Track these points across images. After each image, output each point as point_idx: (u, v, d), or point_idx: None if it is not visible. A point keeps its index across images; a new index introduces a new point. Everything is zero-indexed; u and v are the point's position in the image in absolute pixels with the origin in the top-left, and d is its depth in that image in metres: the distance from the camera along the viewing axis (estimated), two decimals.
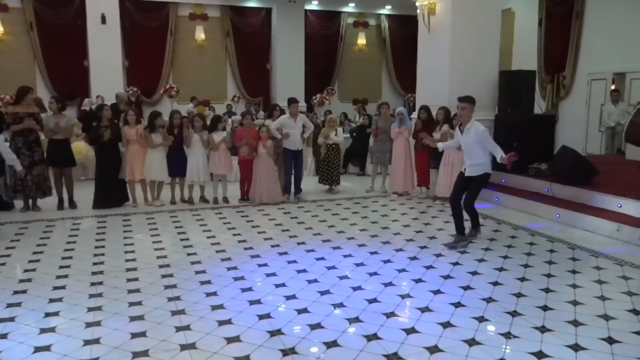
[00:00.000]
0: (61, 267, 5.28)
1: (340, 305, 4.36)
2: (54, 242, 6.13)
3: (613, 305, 4.37)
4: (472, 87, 7.90)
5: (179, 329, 3.90)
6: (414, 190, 8.83)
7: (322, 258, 5.59)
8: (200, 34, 15.57)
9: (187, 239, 6.29)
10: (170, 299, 4.46)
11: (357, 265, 5.38)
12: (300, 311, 4.22)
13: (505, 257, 5.66)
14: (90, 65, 14.22)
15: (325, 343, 3.69)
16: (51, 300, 4.42)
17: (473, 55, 8.45)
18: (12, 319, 4.06)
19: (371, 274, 5.11)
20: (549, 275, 5.07)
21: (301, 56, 16.18)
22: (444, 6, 8.47)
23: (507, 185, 8.32)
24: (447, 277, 5.04)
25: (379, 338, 3.77)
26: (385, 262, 5.48)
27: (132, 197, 7.84)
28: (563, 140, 12.91)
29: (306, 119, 8.60)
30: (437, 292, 4.66)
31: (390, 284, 4.86)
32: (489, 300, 4.47)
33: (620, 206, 6.59)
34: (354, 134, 10.99)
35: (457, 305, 4.36)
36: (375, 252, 5.79)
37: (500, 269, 5.26)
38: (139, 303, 4.38)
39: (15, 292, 4.60)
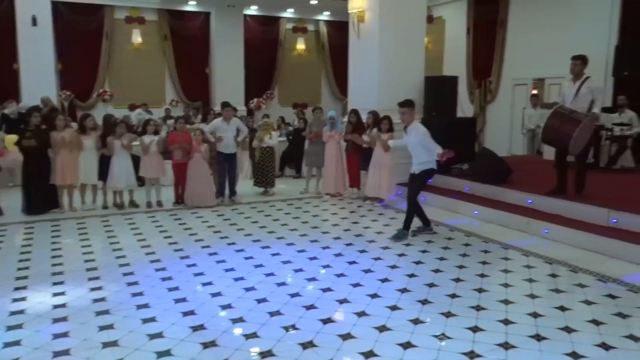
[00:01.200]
0: None
1: (264, 300, 4.57)
2: None
3: (514, 291, 4.77)
4: (399, 92, 8.33)
5: (102, 328, 4.00)
6: (346, 191, 9.15)
7: (251, 257, 5.78)
8: (137, 38, 15.40)
9: (117, 243, 6.34)
10: (95, 300, 4.54)
11: (284, 262, 5.60)
12: (224, 307, 4.40)
13: (424, 251, 6.03)
14: (20, 68, 13.81)
15: (245, 335, 3.89)
16: None
17: (400, 61, 8.86)
18: None
19: (296, 270, 5.35)
20: (460, 267, 5.46)
21: (240, 60, 16.28)
22: (372, 14, 8.85)
23: (432, 185, 8.74)
24: (367, 270, 5.34)
25: (297, 329, 4.00)
26: (311, 259, 5.73)
27: (62, 203, 7.75)
28: (491, 142, 13.72)
29: (240, 122, 8.76)
30: (356, 285, 4.94)
31: (313, 279, 5.11)
32: (403, 290, 4.79)
33: (531, 202, 7.12)
34: (290, 137, 11.23)
35: (374, 296, 4.66)
36: (303, 250, 6.03)
37: (418, 262, 5.62)
38: (63, 305, 4.44)
39: None
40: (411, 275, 5.21)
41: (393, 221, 7.42)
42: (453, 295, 4.67)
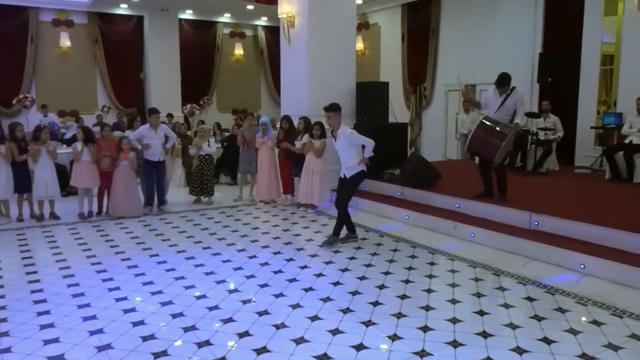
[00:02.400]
0: None
1: (180, 314, 4.37)
2: None
3: (437, 297, 4.78)
4: (330, 98, 8.21)
5: None
6: (280, 198, 9.02)
7: (173, 269, 5.56)
8: (65, 41, 14.76)
9: (30, 257, 5.96)
10: None
11: (207, 274, 5.41)
12: (137, 323, 4.18)
13: (352, 258, 5.98)
14: None
15: (154, 353, 3.69)
16: None
17: (330, 67, 8.84)
18: None
19: (218, 282, 5.17)
20: (386, 273, 5.44)
21: (176, 65, 15.88)
22: (301, 19, 8.79)
23: (365, 190, 8.76)
24: (292, 280, 5.23)
25: (211, 344, 3.83)
26: (236, 269, 5.57)
27: None
28: (428, 147, 13.96)
29: (168, 129, 8.48)
30: (279, 295, 4.82)
31: (235, 290, 4.95)
32: (326, 299, 4.71)
33: (459, 206, 7.22)
34: (225, 144, 11.01)
35: (296, 306, 4.55)
36: (228, 260, 5.86)
37: (344, 270, 5.55)
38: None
39: None
40: (336, 284, 5.13)
41: (325, 228, 7.36)
42: (375, 303, 4.62)
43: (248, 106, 17.61)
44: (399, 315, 4.36)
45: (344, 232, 6.63)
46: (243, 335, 3.99)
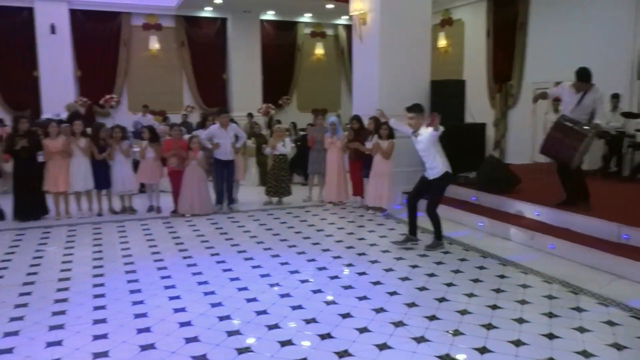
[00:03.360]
0: None
1: (228, 317, 4.30)
2: None
3: (501, 315, 4.37)
4: (401, 97, 7.98)
5: (50, 344, 3.81)
6: (349, 200, 8.82)
7: (230, 269, 5.53)
8: (154, 44, 15.46)
9: (100, 251, 6.19)
10: (54, 313, 4.36)
11: (262, 276, 5.33)
12: (183, 323, 4.16)
13: (415, 266, 5.65)
14: (40, 76, 14.01)
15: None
16: None
17: (403, 65, 8.50)
18: None
19: (272, 285, 5.06)
20: (449, 285, 5.07)
21: (257, 66, 16.14)
22: (374, 16, 8.52)
23: None
24: (347, 287, 5.01)
25: (251, 351, 3.72)
26: (292, 272, 5.44)
27: (55, 209, 7.69)
28: (513, 148, 13.17)
29: (238, 128, 8.54)
30: (330, 302, 4.62)
31: (287, 295, 4.81)
32: (378, 310, 4.45)
33: (538, 214, 6.65)
34: (299, 144, 10.97)
35: (345, 316, 4.33)
36: (286, 263, 5.74)
37: (404, 279, 5.25)
38: (21, 318, 4.28)
39: None
40: (392, 293, 4.85)
41: (392, 232, 7.07)
42: (432, 317, 4.29)
43: (328, 106, 17.58)
44: (456, 333, 4.01)
45: (403, 232, 6.34)
46: (285, 344, 3.84)
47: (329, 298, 4.72)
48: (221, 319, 4.27)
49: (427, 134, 6.03)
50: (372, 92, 8.62)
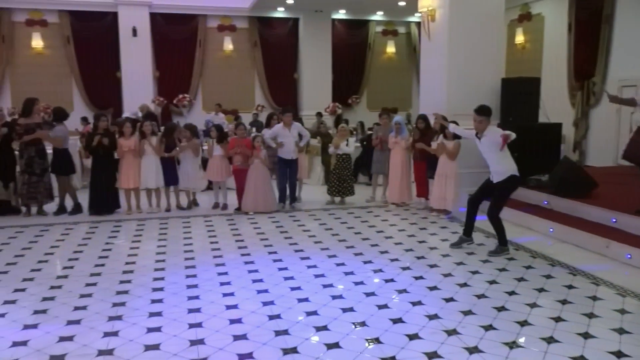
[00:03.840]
0: (32, 270, 5.50)
1: (278, 316, 4.31)
2: (39, 247, 6.39)
3: (565, 329, 4.08)
4: (471, 96, 7.73)
5: (107, 334, 3.97)
6: (412, 201, 8.61)
7: (285, 268, 5.54)
8: (228, 45, 15.90)
9: (164, 246, 6.41)
10: (114, 305, 4.55)
11: (317, 276, 5.30)
12: (233, 320, 4.20)
13: (476, 272, 5.41)
14: (122, 77, 14.80)
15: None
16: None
17: (473, 63, 8.20)
18: None
19: (326, 286, 5.02)
20: (511, 293, 4.81)
21: (328, 65, 16.18)
22: (443, 12, 8.27)
23: None
24: (402, 291, 4.87)
25: (298, 352, 3.69)
26: (347, 273, 5.37)
27: (126, 205, 8.06)
28: (595, 150, 12.37)
29: (302, 127, 8.58)
30: (383, 306, 4.52)
31: (339, 296, 4.75)
32: (432, 317, 4.29)
33: (615, 221, 6.18)
34: (364, 143, 10.86)
35: (397, 321, 4.21)
36: (342, 264, 5.68)
37: (463, 285, 5.04)
38: (84, 308, 4.49)
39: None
40: (449, 300, 4.66)
41: (455, 235, 6.80)
42: (488, 327, 4.08)
43: (399, 105, 17.32)
44: (512, 345, 3.78)
45: (480, 237, 6.15)
46: (332, 346, 3.78)
47: (382, 302, 4.60)
48: (271, 317, 4.28)
49: (489, 133, 5.77)
50: (440, 91, 8.37)
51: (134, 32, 14.65)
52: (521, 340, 3.87)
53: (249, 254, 6.07)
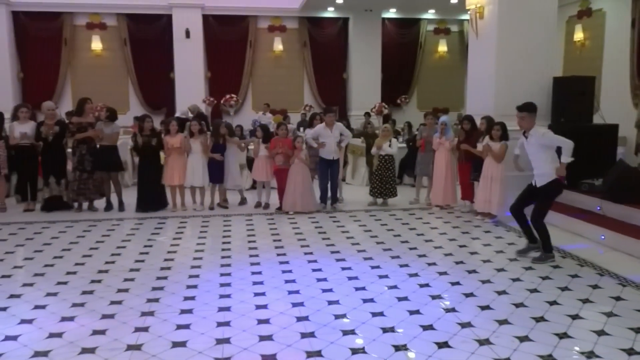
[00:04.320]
0: (76, 263, 5.70)
1: (306, 318, 4.27)
2: (85, 241, 6.62)
3: (607, 343, 3.83)
4: (520, 95, 7.36)
5: (138, 329, 4.06)
6: (457, 204, 8.38)
7: (319, 269, 5.50)
8: (278, 45, 16.01)
9: (203, 243, 6.51)
10: (149, 300, 4.65)
11: (350, 278, 5.23)
12: (261, 320, 4.20)
13: (517, 279, 5.19)
14: (175, 77, 15.19)
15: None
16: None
17: (523, 61, 7.85)
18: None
19: (358, 289, 4.94)
20: (552, 303, 4.57)
21: (378, 65, 16.01)
22: (492, 9, 7.98)
23: (557, 201, 7.59)
24: (436, 296, 4.73)
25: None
26: (382, 277, 5.27)
27: (172, 202, 8.25)
28: None
29: (343, 127, 8.51)
30: (414, 312, 4.39)
31: (370, 300, 4.66)
32: (465, 325, 4.13)
33: None
34: (410, 144, 10.66)
35: (427, 328, 4.08)
36: (377, 267, 5.58)
37: (502, 292, 4.84)
38: (120, 302, 4.62)
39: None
40: (485, 308, 4.48)
41: (499, 241, 6.60)
42: (523, 339, 3.88)
43: (450, 105, 16.97)
44: (547, 359, 3.59)
45: (524, 242, 5.98)
46: (356, 351, 3.70)
47: (413, 308, 4.48)
48: (299, 319, 4.25)
49: (537, 134, 5.56)
50: (488, 91, 8.08)
51: (187, 34, 14.99)
52: (558, 353, 3.66)
53: (284, 254, 6.07)
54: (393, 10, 15.98)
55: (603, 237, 6.31)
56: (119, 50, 15.32)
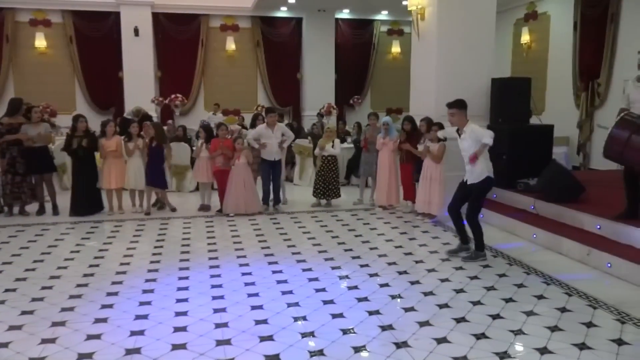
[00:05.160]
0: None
1: (226, 325, 4.16)
2: (8, 247, 6.35)
3: (524, 340, 3.85)
4: (459, 96, 7.40)
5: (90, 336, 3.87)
6: (399, 204, 8.40)
7: (249, 273, 5.40)
8: (231, 45, 15.79)
9: (134, 248, 6.31)
10: (103, 306, 4.45)
11: (279, 282, 5.14)
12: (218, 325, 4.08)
13: (445, 280, 5.20)
14: (124, 76, 14.79)
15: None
16: None
17: (463, 63, 7.92)
18: None
19: (284, 293, 4.86)
20: (476, 303, 4.58)
21: (331, 65, 15.99)
22: (431, 11, 8.03)
23: (496, 201, 7.72)
24: (362, 299, 4.69)
25: None
26: (311, 279, 5.20)
27: (108, 205, 8.00)
28: (598, 152, 11.94)
29: (285, 128, 8.43)
30: (338, 315, 4.34)
31: (296, 304, 4.59)
32: (386, 327, 4.09)
33: (599, 228, 5.90)
34: (358, 144, 10.65)
35: (347, 332, 4.03)
36: (309, 269, 5.51)
37: (428, 294, 4.83)
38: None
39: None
40: (408, 309, 4.46)
41: (436, 241, 6.61)
42: (441, 340, 3.87)
43: (405, 105, 16.97)
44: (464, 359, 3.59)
45: (457, 243, 6.05)
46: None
47: (337, 311, 4.42)
48: (218, 325, 4.14)
49: (469, 129, 5.62)
50: (429, 92, 8.12)
51: (136, 32, 14.61)
52: (473, 354, 3.66)
53: (217, 257, 5.95)
54: (346, 10, 15.98)
55: (535, 235, 6.40)
56: (65, 48, 14.83)
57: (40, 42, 14.57)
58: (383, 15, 16.58)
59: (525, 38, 13.95)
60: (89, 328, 4.08)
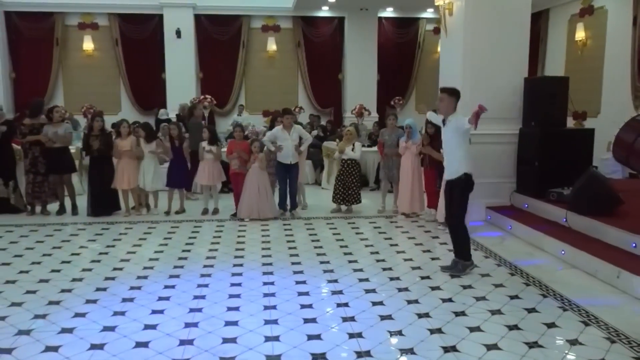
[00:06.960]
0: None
1: (193, 343, 3.89)
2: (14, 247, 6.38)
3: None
4: (489, 97, 6.90)
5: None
6: (423, 212, 7.87)
7: (239, 284, 5.12)
8: (272, 45, 15.66)
9: (134, 253, 6.17)
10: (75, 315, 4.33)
11: (266, 295, 4.82)
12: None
13: (448, 300, 4.69)
14: (166, 78, 14.97)
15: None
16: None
17: (494, 61, 7.29)
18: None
19: (267, 307, 4.53)
20: (473, 329, 4.08)
21: (374, 66, 15.50)
22: (460, 6, 7.46)
23: (527, 211, 7.08)
24: (349, 319, 4.28)
25: None
26: (301, 294, 4.85)
27: (124, 206, 7.95)
28: None
29: (302, 130, 8.10)
30: (314, 337, 3.96)
31: (274, 321, 4.26)
32: (363, 354, 3.69)
33: (635, 246, 5.20)
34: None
35: (318, 356, 3.65)
36: (303, 282, 5.15)
37: (425, 315, 4.36)
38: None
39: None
40: (397, 333, 4.02)
41: (450, 254, 6.06)
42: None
43: None
44: None
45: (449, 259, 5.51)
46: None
47: (316, 332, 4.05)
48: (183, 342, 3.87)
49: (455, 119, 5.18)
50: None
51: (178, 34, 14.76)
52: None
53: (212, 265, 5.70)
54: (390, 9, 15.48)
55: (563, 251, 5.76)
56: (111, 50, 15.17)
57: (88, 44, 14.97)
58: (429, 13, 15.91)
59: (580, 35, 12.94)
60: (52, 339, 3.91)
